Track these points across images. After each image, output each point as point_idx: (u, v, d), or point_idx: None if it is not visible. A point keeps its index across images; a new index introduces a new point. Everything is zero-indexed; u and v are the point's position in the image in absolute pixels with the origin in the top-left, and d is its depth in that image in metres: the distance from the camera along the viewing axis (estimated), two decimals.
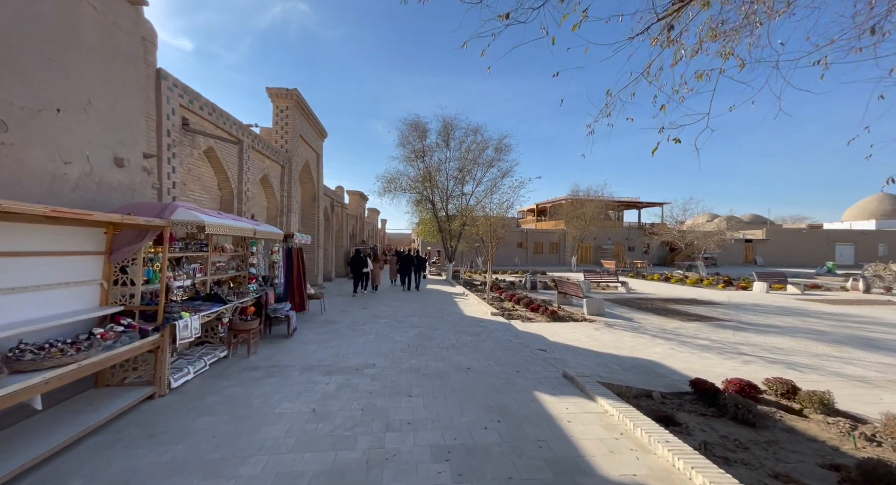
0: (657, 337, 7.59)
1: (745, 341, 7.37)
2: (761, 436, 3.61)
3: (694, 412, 4.19)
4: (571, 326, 8.66)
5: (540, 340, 6.99)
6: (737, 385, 4.51)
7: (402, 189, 19.15)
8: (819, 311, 11.37)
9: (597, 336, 7.61)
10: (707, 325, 8.97)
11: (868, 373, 5.48)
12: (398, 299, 12.18)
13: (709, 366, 5.74)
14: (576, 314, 10.15)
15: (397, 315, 9.17)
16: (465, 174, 19.19)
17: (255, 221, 6.50)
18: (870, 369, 5.72)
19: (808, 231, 42.41)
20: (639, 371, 5.43)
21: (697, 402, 4.44)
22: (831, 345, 7.12)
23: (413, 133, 19.03)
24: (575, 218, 28.73)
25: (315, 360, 5.26)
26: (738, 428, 3.75)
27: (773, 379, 4.71)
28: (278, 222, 10.37)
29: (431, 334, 7.02)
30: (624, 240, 36.35)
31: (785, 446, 3.44)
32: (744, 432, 3.66)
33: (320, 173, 14.42)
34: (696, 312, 10.88)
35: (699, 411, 4.20)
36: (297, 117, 11.07)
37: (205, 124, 6.45)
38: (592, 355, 6.15)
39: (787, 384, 4.55)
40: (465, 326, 7.97)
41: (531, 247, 34.24)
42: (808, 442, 3.52)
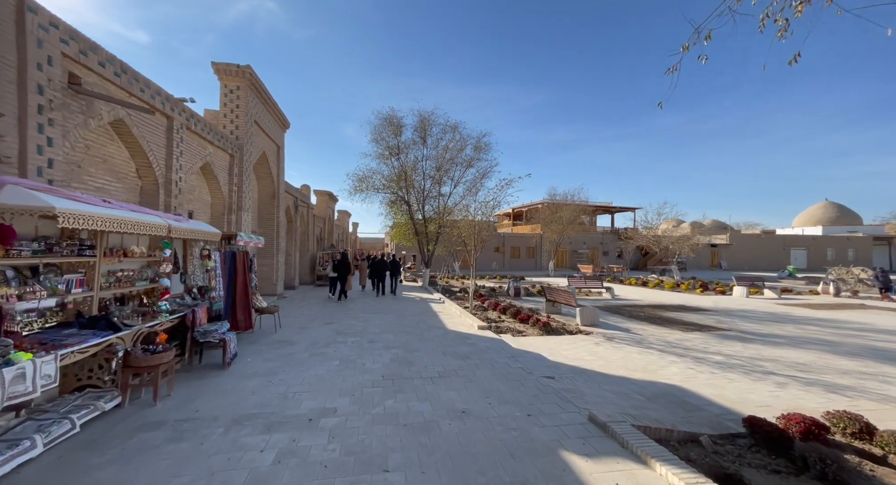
0: (666, 353, 6.70)
1: (758, 356, 6.63)
2: None
3: (762, 467, 3.19)
4: (568, 340, 7.65)
5: (540, 360, 5.89)
6: (801, 425, 3.56)
7: (374, 189, 17.72)
8: (808, 317, 11.08)
9: (601, 353, 6.62)
10: (710, 335, 8.25)
11: None
12: (369, 310, 10.76)
13: (741, 391, 4.83)
14: (569, 325, 9.18)
15: (368, 331, 7.79)
16: (442, 174, 18.05)
17: (179, 215, 4.92)
18: None
19: (766, 237, 44.62)
20: (666, 402, 4.42)
21: (758, 449, 3.45)
22: (852, 359, 6.50)
23: (387, 128, 17.71)
24: (552, 222, 28.32)
25: (253, 405, 3.84)
26: None
27: (838, 414, 3.82)
28: (226, 222, 8.74)
29: (411, 358, 5.73)
30: (598, 244, 36.52)
31: None
32: None
33: (281, 168, 12.80)
34: (691, 320, 10.24)
35: (767, 465, 3.21)
36: (250, 100, 9.51)
37: (109, 87, 4.89)
38: (605, 380, 5.11)
39: (857, 421, 3.66)
40: (451, 344, 6.75)
41: (508, 251, 33.58)
42: None
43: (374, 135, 17.86)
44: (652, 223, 28.65)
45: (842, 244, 44.40)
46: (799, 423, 3.61)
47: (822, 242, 44.74)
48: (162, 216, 4.03)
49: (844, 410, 3.88)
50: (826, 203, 59.40)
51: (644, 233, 29.21)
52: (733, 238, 41.32)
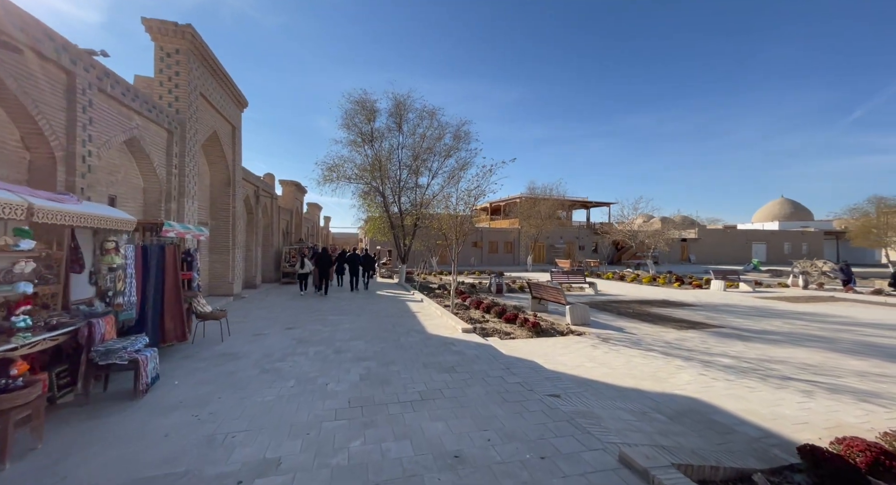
0: (670, 356, 6.08)
1: (765, 356, 6.14)
2: None
3: None
4: (562, 343, 6.91)
5: (537, 371, 5.07)
6: (866, 454, 2.90)
7: (346, 178, 16.40)
8: (790, 311, 10.98)
9: (601, 358, 5.90)
10: (706, 334, 7.77)
11: None
12: (339, 311, 9.63)
13: (768, 403, 4.21)
14: (559, 325, 8.48)
15: (336, 338, 6.72)
16: (419, 164, 16.98)
17: (66, 195, 3.56)
18: None
19: (731, 232, 46.54)
20: (692, 422, 3.70)
21: None
22: (858, 357, 6.13)
23: (360, 113, 16.39)
24: (530, 216, 27.90)
25: (160, 459, 2.72)
26: None
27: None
28: (163, 211, 7.36)
29: (386, 374, 4.75)
30: (575, 239, 36.65)
31: None
32: None
33: (237, 152, 11.33)
34: (681, 316, 9.83)
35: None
36: (195, 68, 8.08)
37: None
38: (616, 394, 4.35)
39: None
40: (434, 352, 5.82)
41: (486, 246, 32.99)
42: None
43: (345, 120, 16.52)
44: (627, 218, 28.88)
45: (796, 238, 47.02)
46: (863, 451, 2.95)
47: (780, 236, 47.21)
48: (19, 192, 2.80)
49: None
50: (782, 200, 62.89)
51: (619, 228, 29.40)
52: (701, 233, 42.73)
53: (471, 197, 9.39)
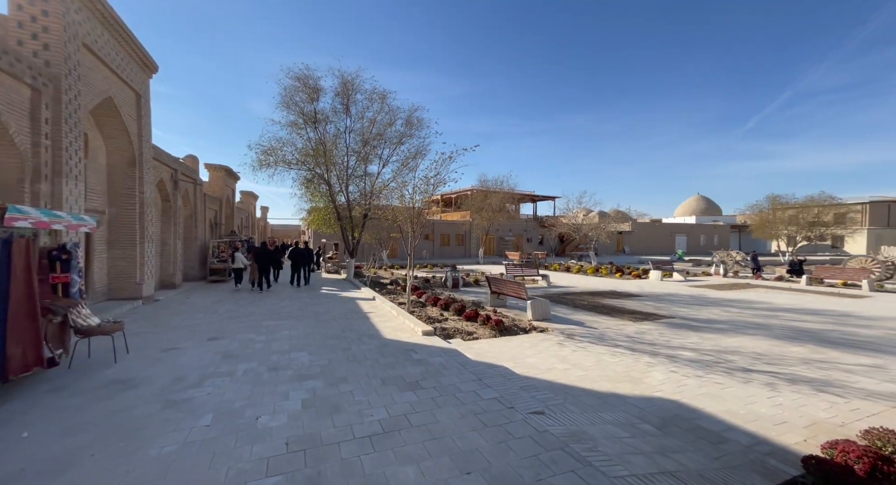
0: (637, 352, 5.96)
1: (719, 347, 6.29)
2: None
3: None
4: (528, 341, 6.53)
5: (510, 379, 4.55)
6: (864, 461, 2.73)
7: (285, 163, 14.68)
8: (721, 298, 11.86)
9: (571, 358, 5.58)
10: (660, 325, 7.93)
11: (890, 387, 4.56)
12: (277, 314, 8.40)
13: (741, 401, 4.12)
14: (521, 321, 8.16)
15: (272, 350, 5.65)
16: (369, 150, 15.77)
17: None
18: (873, 375, 4.90)
19: (658, 225, 51.07)
20: (682, 432, 3.41)
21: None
22: (795, 344, 6.52)
23: (301, 91, 14.70)
24: (482, 209, 27.87)
25: None
26: None
27: (880, 433, 3.15)
28: (28, 194, 5.61)
29: (336, 398, 3.90)
30: (523, 232, 37.58)
31: None
32: None
33: (144, 126, 9.36)
34: (632, 307, 10.09)
35: None
36: (74, 11, 6.27)
37: None
38: (597, 402, 3.98)
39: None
40: (393, 363, 5.05)
41: (438, 239, 32.48)
42: None
43: (284, 98, 14.71)
44: (572, 211, 30.12)
45: (710, 231, 53.01)
46: (860, 457, 2.79)
47: (697, 229, 52.84)
48: None
49: (882, 426, 3.25)
50: (697, 197, 70.52)
51: (565, 221, 30.58)
52: (634, 226, 46.29)
53: (429, 185, 8.64)
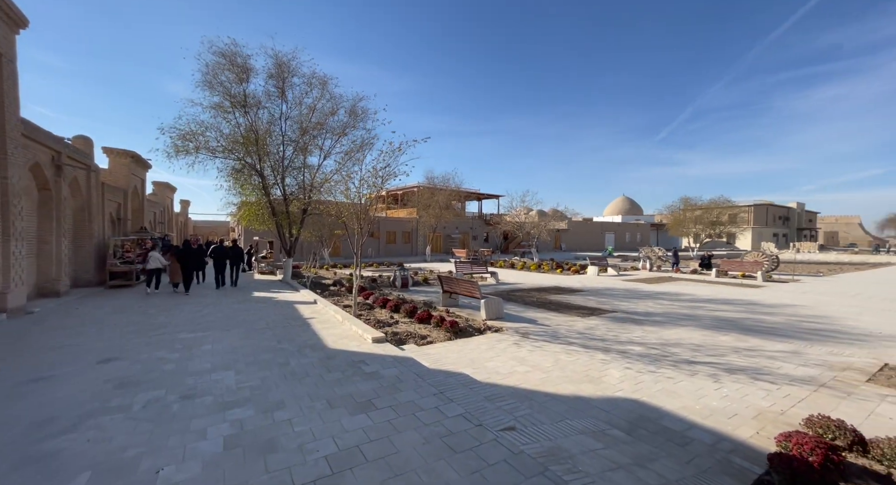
0: (590, 349, 6.01)
1: (662, 340, 6.62)
2: None
3: None
4: (485, 343, 6.28)
5: (473, 388, 4.22)
6: (817, 453, 2.82)
7: (208, 150, 12.88)
8: (652, 291, 12.84)
9: (529, 360, 5.43)
10: (607, 320, 8.22)
11: (810, 371, 5.06)
12: (196, 324, 7.19)
13: (694, 396, 4.25)
14: (475, 321, 7.93)
15: (188, 371, 4.69)
16: (308, 140, 14.51)
17: None
18: (790, 360, 5.43)
19: (590, 223, 55.06)
20: (650, 435, 3.36)
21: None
22: (723, 333, 7.10)
23: (228, 69, 12.99)
24: (429, 206, 27.52)
25: None
26: None
27: (820, 421, 3.35)
28: None
29: (271, 431, 3.22)
30: (469, 229, 38.00)
31: None
32: None
33: (7, 93, 7.42)
34: (577, 302, 10.44)
35: None
36: None
37: None
38: (566, 410, 3.81)
39: (846, 430, 3.20)
40: (341, 379, 4.43)
41: (383, 236, 31.46)
42: None
43: (206, 76, 12.88)
44: (515, 209, 31.08)
45: (633, 229, 58.47)
46: (813, 449, 2.89)
47: (623, 227, 57.95)
48: None
49: (819, 413, 3.47)
50: (623, 198, 77.45)
51: (509, 219, 31.45)
52: (570, 225, 49.37)
53: (378, 178, 8.00)
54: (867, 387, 4.55)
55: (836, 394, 4.31)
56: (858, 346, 6.26)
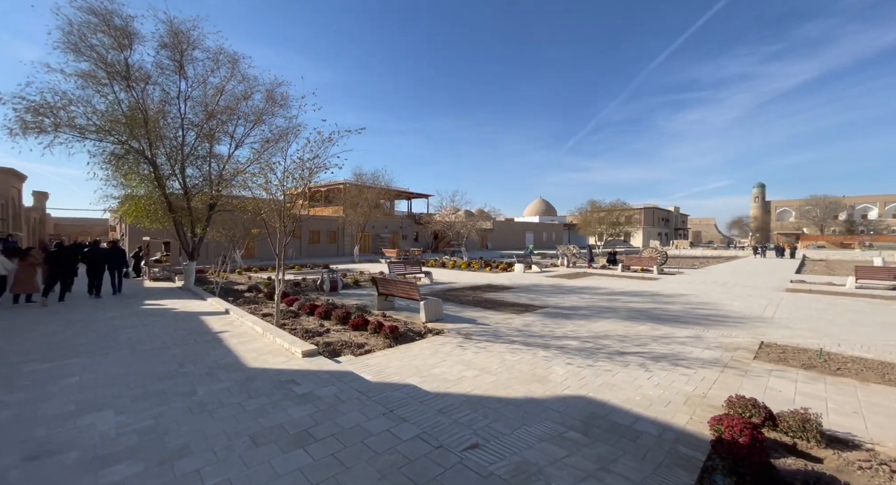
0: (532, 346, 6.10)
1: (592, 333, 7.04)
2: None
3: None
4: (428, 348, 5.97)
5: (424, 402, 3.87)
6: (745, 435, 3.08)
7: (74, 129, 10.32)
8: (575, 286, 13.88)
9: (476, 362, 5.27)
10: (540, 316, 8.53)
11: (714, 354, 5.76)
12: (57, 349, 5.58)
13: (633, 387, 4.49)
14: (415, 324, 7.57)
15: (37, 417, 3.50)
16: (216, 126, 12.60)
17: None
18: (696, 345, 6.16)
19: (512, 223, 58.38)
20: (604, 433, 3.40)
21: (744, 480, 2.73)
22: (640, 323, 7.84)
23: (101, 31, 10.55)
24: (357, 204, 26.26)
25: None
26: None
27: (738, 401, 3.72)
28: None
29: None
30: (399, 229, 37.32)
31: None
32: None
33: None
34: (511, 299, 10.74)
35: None
36: None
37: None
38: (521, 415, 3.69)
39: (759, 407, 3.60)
40: (266, 406, 3.71)
41: (306, 236, 29.14)
42: None
43: (69, 36, 10.26)
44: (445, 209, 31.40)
45: (549, 229, 63.58)
46: (741, 430, 3.13)
47: (540, 227, 62.64)
48: None
49: (736, 394, 3.87)
50: (539, 200, 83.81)
51: (439, 218, 31.64)
52: (495, 225, 51.73)
53: (304, 169, 7.14)
54: (756, 364, 5.32)
55: (737, 373, 4.94)
56: (740, 328, 7.41)
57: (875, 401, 4.10)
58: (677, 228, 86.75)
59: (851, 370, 5.04)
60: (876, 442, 3.27)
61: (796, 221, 76.19)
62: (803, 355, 5.65)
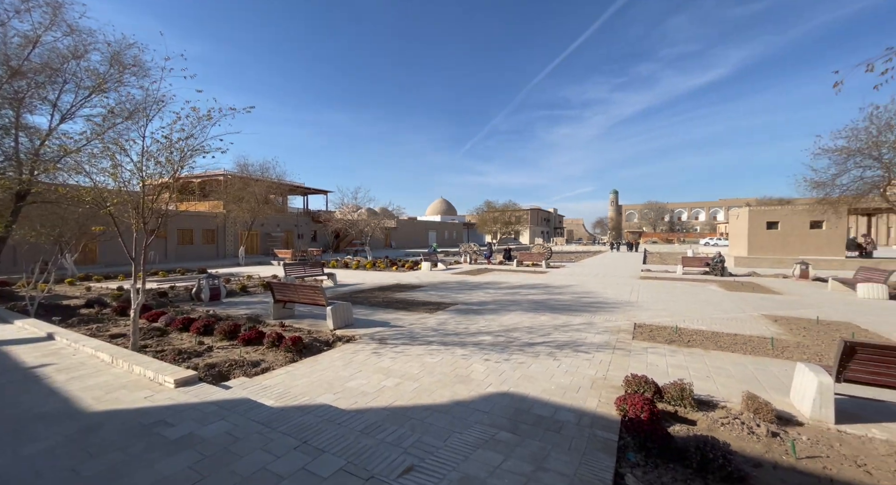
0: (449, 346, 6.05)
1: (503, 326, 7.35)
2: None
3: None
4: (339, 359, 5.39)
5: (342, 424, 3.40)
6: (646, 411, 3.47)
7: None
8: (479, 282, 14.53)
9: (396, 370, 4.95)
10: (453, 313, 8.60)
11: (604, 337, 6.55)
12: None
13: (547, 377, 4.77)
14: (321, 332, 6.82)
15: None
16: (29, 88, 9.37)
17: None
18: (589, 330, 6.96)
19: (415, 222, 58.84)
20: (529, 427, 3.49)
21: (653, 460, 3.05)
22: (541, 313, 8.53)
23: None
24: (242, 199, 22.88)
25: None
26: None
27: (634, 379, 4.23)
28: None
29: None
30: (294, 227, 33.97)
31: None
32: None
33: None
34: (422, 298, 10.63)
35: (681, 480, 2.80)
36: None
37: None
38: (450, 423, 3.54)
39: (649, 383, 4.14)
40: (120, 464, 2.74)
41: (174, 236, 24.20)
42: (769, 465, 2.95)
43: None
44: (347, 206, 29.81)
45: (451, 228, 66.13)
46: (642, 406, 3.54)
47: (442, 226, 64.67)
48: None
49: (631, 373, 4.39)
50: (441, 199, 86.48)
51: (341, 216, 29.88)
52: (399, 223, 51.35)
53: (174, 152, 5.71)
54: (635, 343, 6.23)
55: (624, 353, 5.69)
56: (617, 312, 8.68)
57: (717, 365, 5.16)
58: (556, 227, 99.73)
59: (697, 341, 6.30)
60: (726, 400, 4.06)
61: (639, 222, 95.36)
62: (665, 332, 6.86)
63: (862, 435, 3.38)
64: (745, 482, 2.68)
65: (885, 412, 3.74)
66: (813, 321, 7.75)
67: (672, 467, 2.87)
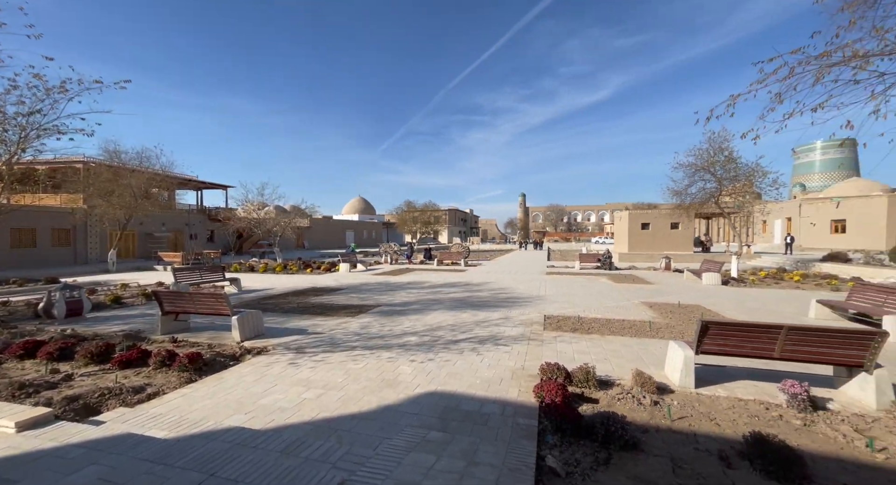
0: (374, 350, 5.89)
1: (426, 326, 7.42)
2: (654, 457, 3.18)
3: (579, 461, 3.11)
4: (249, 373, 4.85)
5: (254, 446, 3.05)
6: (558, 394, 3.86)
7: None
8: (401, 282, 14.44)
9: (315, 380, 4.64)
10: (375, 316, 8.40)
11: (519, 330, 7.06)
12: None
13: (471, 372, 4.97)
14: (225, 345, 6.04)
15: None
16: None
17: None
18: (506, 324, 7.46)
19: (331, 221, 55.85)
20: (458, 424, 3.60)
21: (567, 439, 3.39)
22: (463, 311, 8.84)
23: None
24: (111, 192, 18.92)
25: None
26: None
27: (548, 367, 4.66)
28: None
29: None
30: (184, 226, 29.32)
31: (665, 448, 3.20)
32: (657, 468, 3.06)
33: None
34: (341, 302, 10.14)
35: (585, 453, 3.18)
36: None
37: None
38: (379, 428, 3.45)
39: (560, 369, 4.60)
40: None
41: (6, 236, 18.84)
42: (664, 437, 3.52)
43: None
44: (252, 203, 26.90)
45: (370, 227, 64.42)
46: (556, 392, 3.92)
47: (360, 225, 62.62)
48: None
49: (546, 362, 4.82)
50: (358, 198, 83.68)
51: (244, 215, 26.87)
52: (313, 222, 48.08)
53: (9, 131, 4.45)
54: (546, 333, 6.86)
55: (537, 344, 6.22)
56: (529, 306, 9.45)
57: (612, 348, 5.97)
58: (472, 227, 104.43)
59: (595, 328, 7.20)
60: (620, 378, 4.73)
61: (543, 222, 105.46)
62: (569, 322, 7.69)
63: (712, 395, 4.25)
64: (638, 447, 3.16)
65: (725, 375, 4.77)
66: (676, 305, 9.50)
67: (583, 442, 3.23)
